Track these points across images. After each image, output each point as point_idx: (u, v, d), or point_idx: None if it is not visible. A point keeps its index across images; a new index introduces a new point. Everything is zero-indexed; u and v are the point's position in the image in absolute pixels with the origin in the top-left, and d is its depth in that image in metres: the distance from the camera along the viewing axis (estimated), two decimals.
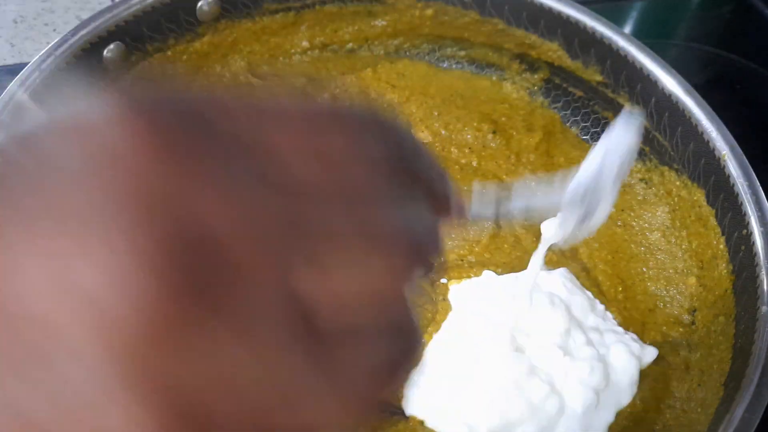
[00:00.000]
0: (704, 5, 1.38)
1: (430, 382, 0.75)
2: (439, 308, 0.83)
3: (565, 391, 0.73)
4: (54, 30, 1.20)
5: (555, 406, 0.72)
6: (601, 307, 0.83)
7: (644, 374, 0.79)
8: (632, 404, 0.76)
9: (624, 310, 0.85)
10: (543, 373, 0.74)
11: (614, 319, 0.83)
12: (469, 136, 1.01)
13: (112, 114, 0.22)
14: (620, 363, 0.76)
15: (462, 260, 0.88)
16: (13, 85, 0.79)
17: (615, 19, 1.00)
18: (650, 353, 0.79)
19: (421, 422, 0.74)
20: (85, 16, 0.92)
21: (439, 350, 0.77)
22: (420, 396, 0.75)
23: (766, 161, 0.90)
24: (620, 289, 0.88)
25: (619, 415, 0.75)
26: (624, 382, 0.76)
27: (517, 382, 0.71)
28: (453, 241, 0.89)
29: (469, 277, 0.86)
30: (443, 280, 0.86)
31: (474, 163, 0.99)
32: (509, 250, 0.89)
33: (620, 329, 0.80)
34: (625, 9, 1.33)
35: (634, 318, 0.85)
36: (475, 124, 1.02)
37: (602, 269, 0.90)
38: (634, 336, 0.81)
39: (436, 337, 0.79)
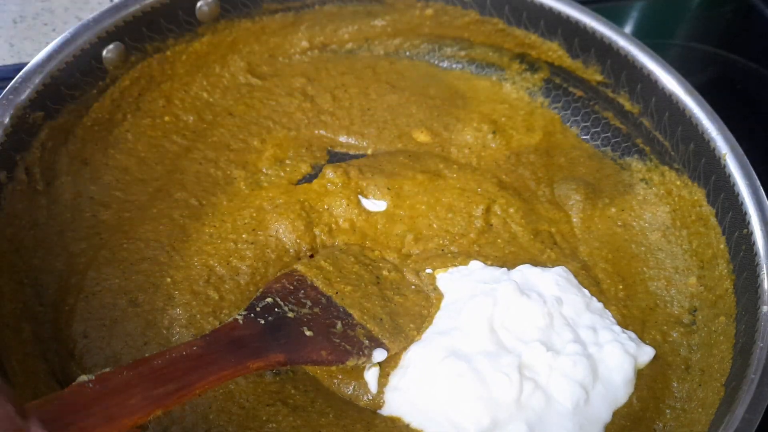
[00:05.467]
0: (704, 5, 1.38)
1: (414, 384, 0.75)
2: (434, 301, 0.83)
3: (551, 386, 0.73)
4: (53, 30, 1.20)
5: (541, 402, 0.72)
6: (598, 305, 0.83)
7: (643, 374, 0.78)
8: (629, 404, 0.76)
9: (624, 308, 0.85)
10: (527, 369, 0.74)
11: (613, 317, 0.83)
12: (469, 137, 1.00)
13: None
14: (614, 361, 0.76)
15: (443, 250, 0.88)
16: (13, 85, 0.79)
17: (615, 19, 1.00)
18: (647, 353, 0.79)
19: (407, 425, 0.74)
20: (85, 16, 0.92)
21: (421, 352, 0.77)
22: (404, 398, 0.75)
23: (766, 161, 0.89)
24: (621, 287, 0.88)
25: (617, 414, 0.75)
26: (618, 380, 0.76)
27: (502, 379, 0.71)
28: (433, 231, 0.89)
29: (454, 266, 0.85)
30: (428, 270, 0.85)
31: (474, 163, 0.98)
32: (503, 245, 0.89)
33: (618, 328, 0.80)
34: (625, 9, 1.33)
35: (635, 316, 0.85)
36: (475, 124, 1.02)
37: (602, 267, 0.89)
38: (633, 335, 0.81)
39: (424, 335, 0.79)
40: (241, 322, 0.69)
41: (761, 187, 0.82)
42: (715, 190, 0.86)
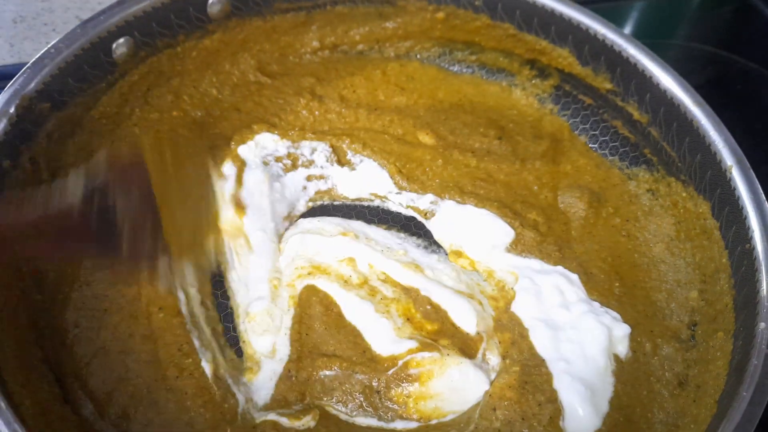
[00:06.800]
0: (704, 5, 1.37)
1: None
2: None
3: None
4: (53, 30, 1.21)
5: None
6: (573, 276, 0.86)
7: (634, 388, 0.77)
8: (620, 415, 0.75)
9: (616, 302, 0.85)
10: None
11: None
12: (474, 141, 1.00)
13: None
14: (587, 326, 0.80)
15: None
16: (20, 77, 0.81)
17: (615, 19, 0.99)
18: (622, 328, 0.80)
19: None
20: (85, 15, 0.93)
21: None
22: None
23: (766, 161, 0.88)
24: (617, 284, 0.87)
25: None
26: (595, 350, 0.79)
27: None
28: None
29: None
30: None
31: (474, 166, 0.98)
32: None
33: (596, 304, 0.83)
34: (625, 9, 1.31)
35: (627, 313, 0.84)
36: (481, 129, 1.01)
37: (599, 266, 0.89)
38: (614, 313, 0.83)
39: None
40: None
41: (766, 202, 0.80)
42: (720, 204, 0.85)
